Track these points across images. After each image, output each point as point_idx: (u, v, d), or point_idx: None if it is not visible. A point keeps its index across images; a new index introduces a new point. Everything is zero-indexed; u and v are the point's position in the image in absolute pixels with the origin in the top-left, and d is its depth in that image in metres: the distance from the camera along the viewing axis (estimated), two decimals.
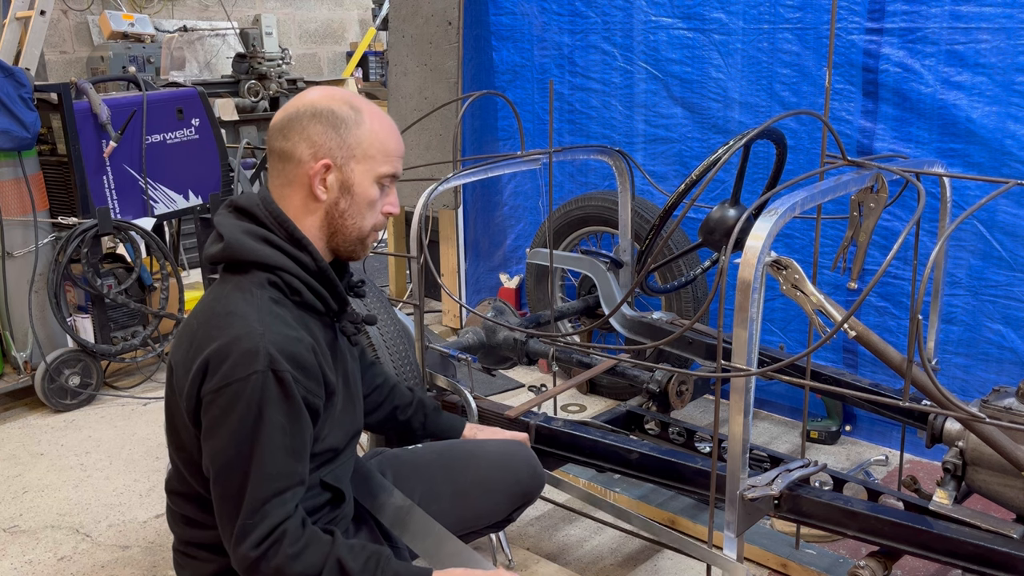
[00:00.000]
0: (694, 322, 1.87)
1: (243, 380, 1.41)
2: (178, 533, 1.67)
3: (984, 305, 2.85)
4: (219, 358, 1.43)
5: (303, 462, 1.50)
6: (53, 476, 3.18)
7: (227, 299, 1.50)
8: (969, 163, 2.79)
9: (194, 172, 4.17)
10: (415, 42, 4.10)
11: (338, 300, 1.61)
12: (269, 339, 1.43)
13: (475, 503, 1.93)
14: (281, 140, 1.56)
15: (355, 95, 1.60)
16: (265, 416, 1.42)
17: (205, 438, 1.47)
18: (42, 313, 3.70)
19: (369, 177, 1.57)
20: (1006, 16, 2.65)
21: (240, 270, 1.53)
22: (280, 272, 1.52)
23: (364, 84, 7.83)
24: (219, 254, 1.54)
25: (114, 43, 6.70)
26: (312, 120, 1.54)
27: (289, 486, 1.47)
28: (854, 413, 3.22)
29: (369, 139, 1.56)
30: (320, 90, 1.60)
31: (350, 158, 1.55)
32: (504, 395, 3.73)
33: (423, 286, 2.39)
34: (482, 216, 4.30)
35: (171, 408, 1.57)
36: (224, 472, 1.45)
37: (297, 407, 1.46)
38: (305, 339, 1.49)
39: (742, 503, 1.78)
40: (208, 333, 1.47)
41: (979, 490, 1.88)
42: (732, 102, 3.29)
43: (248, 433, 1.42)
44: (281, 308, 1.50)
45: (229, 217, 1.58)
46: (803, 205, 1.78)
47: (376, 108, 1.61)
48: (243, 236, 1.53)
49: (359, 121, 1.55)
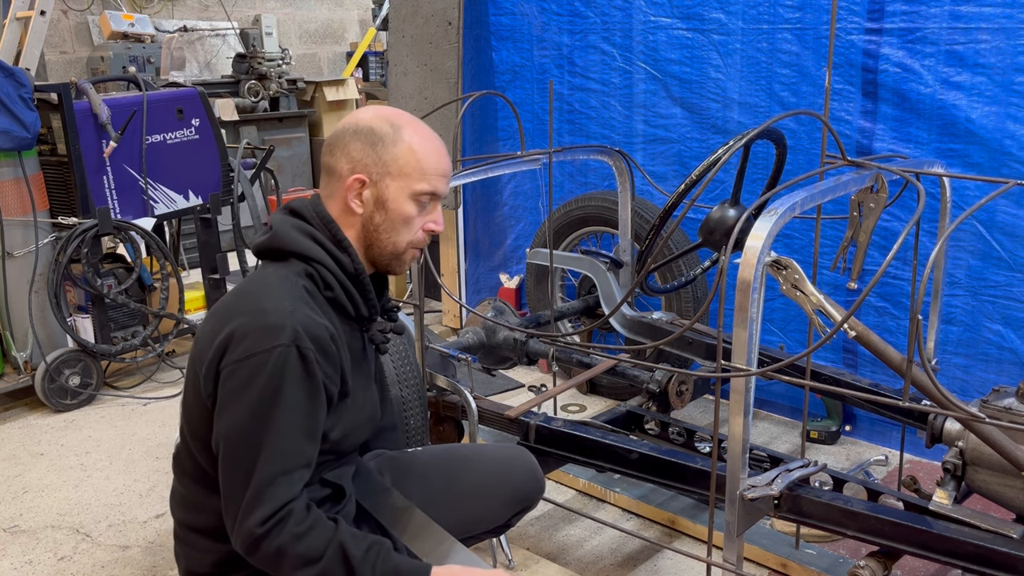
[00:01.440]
0: (694, 322, 1.87)
1: (267, 352, 1.44)
2: (178, 517, 1.67)
3: (983, 305, 2.85)
4: (245, 329, 1.46)
5: (314, 444, 1.52)
6: (53, 476, 3.18)
7: (262, 279, 1.56)
8: (968, 163, 2.79)
9: (194, 172, 4.17)
10: (415, 42, 4.11)
11: (369, 307, 1.65)
12: (297, 318, 1.47)
13: (473, 508, 1.92)
14: (327, 155, 1.62)
15: (403, 114, 1.64)
16: (284, 391, 1.45)
17: (220, 410, 1.48)
18: (42, 313, 3.70)
19: (404, 194, 1.60)
20: (1006, 16, 2.65)
21: (281, 258, 1.59)
22: (317, 265, 1.57)
23: (364, 84, 7.82)
24: (264, 243, 1.61)
25: (114, 43, 6.69)
26: (353, 137, 1.60)
27: (298, 465, 1.48)
28: (854, 413, 3.22)
29: (405, 156, 1.59)
30: (371, 108, 1.65)
31: (385, 174, 1.59)
32: (504, 395, 3.73)
33: (423, 286, 2.39)
34: (482, 216, 4.30)
35: (188, 381, 1.59)
36: (235, 444, 1.46)
37: (316, 386, 1.48)
38: (329, 327, 1.52)
39: (742, 503, 1.78)
40: (237, 307, 1.52)
41: (979, 490, 1.88)
42: (731, 102, 3.29)
43: (266, 406, 1.44)
44: (312, 297, 1.55)
45: (282, 214, 1.64)
46: (803, 205, 1.78)
47: (421, 127, 1.64)
48: (290, 229, 1.59)
49: (396, 139, 1.59)
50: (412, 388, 2.32)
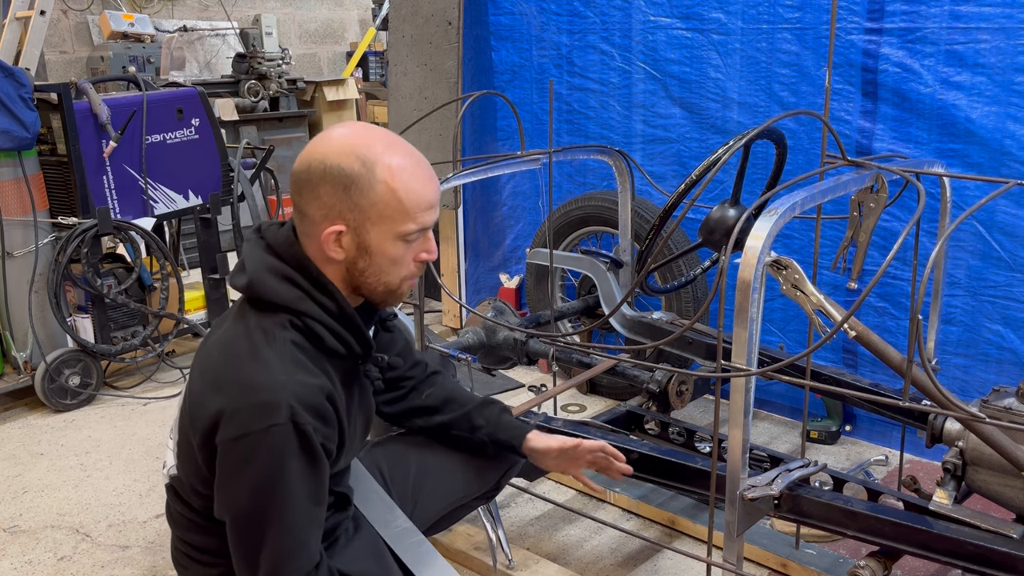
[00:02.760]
0: (694, 322, 1.87)
1: (263, 432, 1.37)
2: (177, 532, 1.67)
3: (983, 306, 2.85)
4: (236, 407, 1.39)
5: (322, 506, 1.50)
6: (53, 476, 3.18)
7: (249, 341, 1.45)
8: (968, 163, 2.79)
9: (194, 172, 4.17)
10: (415, 42, 4.11)
11: (363, 344, 1.55)
12: (291, 389, 1.39)
13: (465, 473, 1.96)
14: (295, 194, 1.48)
15: (373, 141, 1.46)
16: (287, 467, 1.40)
17: (221, 486, 1.45)
18: (42, 313, 3.70)
19: (388, 238, 1.47)
20: (1005, 16, 2.65)
21: (263, 308, 1.49)
22: (303, 316, 1.47)
23: (364, 84, 7.83)
24: (245, 288, 1.50)
25: (114, 43, 6.69)
26: (322, 180, 1.44)
27: (311, 531, 1.46)
28: (854, 413, 3.22)
29: (384, 199, 1.44)
30: (339, 137, 1.47)
31: (364, 220, 1.45)
32: (504, 395, 3.72)
33: (423, 286, 2.39)
34: (482, 216, 4.30)
35: (183, 428, 1.55)
36: (243, 521, 1.44)
37: (317, 456, 1.44)
38: (325, 386, 1.45)
39: (742, 503, 1.78)
40: (228, 377, 1.43)
41: (979, 490, 1.88)
42: (731, 102, 3.29)
43: (270, 485, 1.40)
44: (302, 352, 1.46)
45: (256, 248, 1.53)
46: (803, 205, 1.78)
47: (397, 156, 1.46)
48: (267, 274, 1.48)
49: (371, 180, 1.43)
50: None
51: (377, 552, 1.75)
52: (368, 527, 1.79)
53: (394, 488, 1.91)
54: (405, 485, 1.93)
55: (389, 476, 1.93)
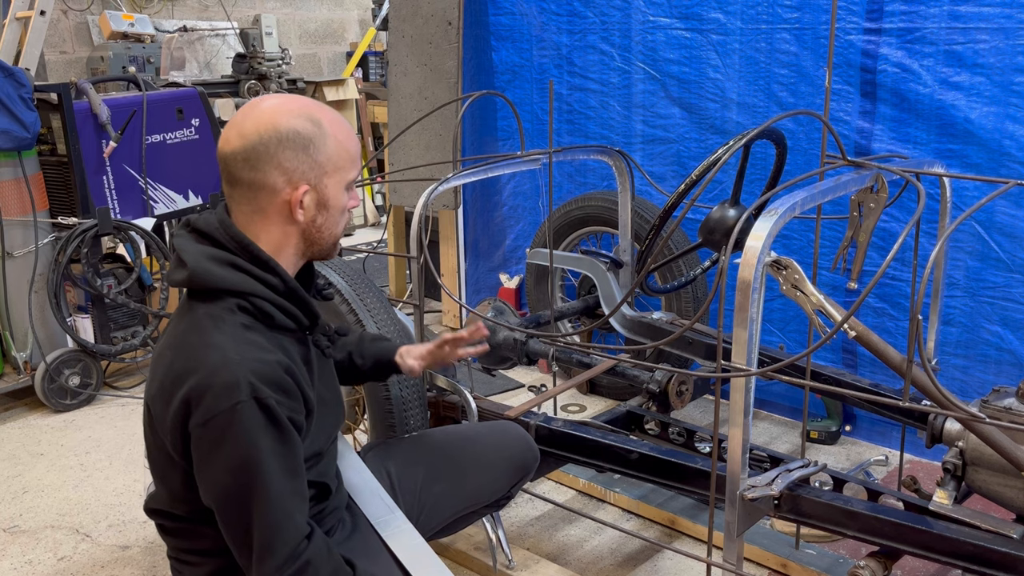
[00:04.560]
0: (694, 322, 1.87)
1: (228, 411, 1.40)
2: (171, 543, 1.67)
3: (982, 306, 2.86)
4: (200, 391, 1.41)
5: (301, 477, 1.50)
6: (53, 476, 3.18)
7: (199, 329, 1.47)
8: (967, 164, 2.79)
9: (194, 172, 4.17)
10: (415, 42, 4.11)
11: (309, 316, 1.59)
12: (248, 367, 1.42)
13: (476, 480, 2.00)
14: (248, 171, 1.50)
15: (307, 102, 1.55)
16: (257, 443, 1.41)
17: (199, 472, 1.46)
18: (42, 313, 3.70)
19: (340, 187, 1.56)
20: (1005, 16, 2.65)
21: (208, 297, 1.50)
22: (250, 297, 1.49)
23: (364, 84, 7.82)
24: (185, 281, 1.51)
25: (114, 43, 6.69)
26: (280, 147, 1.49)
27: (294, 503, 1.47)
28: (854, 413, 3.22)
29: (336, 151, 1.54)
30: (274, 105, 1.53)
31: (323, 175, 1.53)
32: (504, 395, 3.74)
33: (423, 286, 2.39)
34: (482, 216, 4.30)
35: (149, 441, 1.56)
36: (227, 503, 1.45)
37: (285, 429, 1.45)
38: (283, 360, 1.48)
39: (742, 503, 1.78)
40: (185, 366, 1.45)
41: (979, 490, 1.88)
42: (730, 102, 3.29)
43: (243, 462, 1.42)
44: (254, 333, 1.48)
45: (190, 241, 1.54)
46: (803, 205, 1.78)
47: (330, 112, 1.57)
48: (207, 262, 1.50)
49: (324, 135, 1.52)
50: (412, 388, 2.32)
51: (374, 550, 1.75)
52: (367, 525, 1.79)
53: (402, 491, 1.92)
54: (414, 489, 1.93)
55: (398, 478, 1.93)
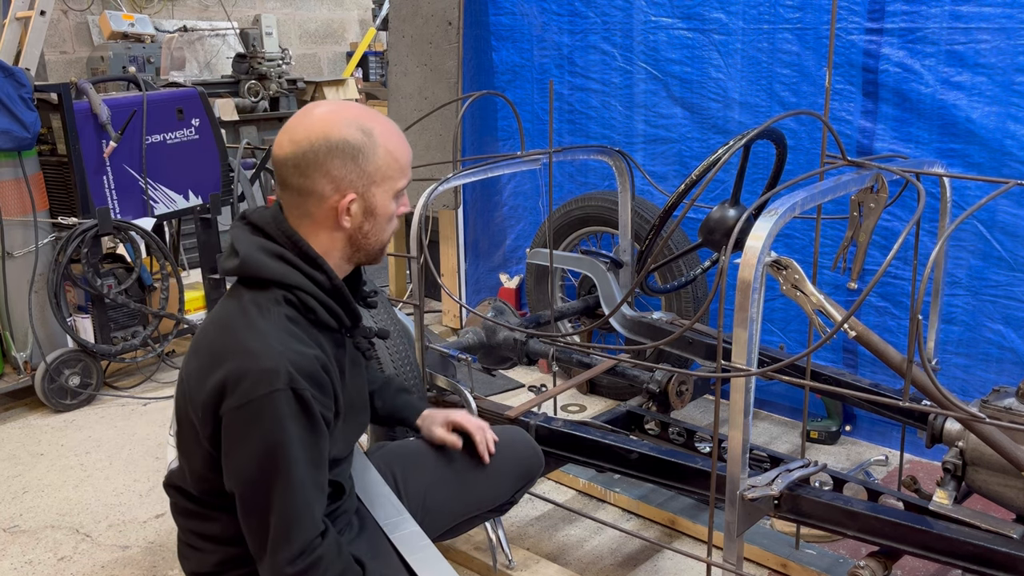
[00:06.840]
0: (694, 322, 1.87)
1: (264, 397, 1.42)
2: (182, 524, 1.69)
3: (984, 305, 2.85)
4: (238, 375, 1.44)
5: (323, 471, 1.54)
6: (53, 476, 3.18)
7: (244, 315, 1.51)
8: (969, 163, 2.79)
9: (194, 172, 4.17)
10: (415, 42, 4.10)
11: (351, 316, 1.62)
12: (288, 358, 1.45)
13: (480, 486, 2.00)
14: (298, 177, 1.54)
15: (363, 111, 1.58)
16: (288, 432, 1.44)
17: (227, 454, 1.48)
18: (42, 313, 3.70)
19: (389, 196, 1.59)
20: (1006, 16, 2.65)
21: (256, 285, 1.54)
22: (296, 291, 1.53)
23: (364, 84, 7.83)
24: (236, 269, 1.56)
25: (114, 43, 6.69)
26: (329, 155, 1.52)
27: (315, 495, 1.49)
28: (854, 413, 3.22)
29: (386, 161, 1.56)
30: (327, 113, 1.56)
31: (371, 184, 1.56)
32: (504, 395, 3.73)
33: (423, 286, 2.39)
34: (482, 216, 4.30)
35: (181, 415, 1.58)
36: (251, 488, 1.47)
37: (316, 422, 1.48)
38: (320, 357, 1.51)
39: (742, 503, 1.78)
40: (226, 348, 1.48)
41: (979, 490, 1.88)
42: (732, 102, 3.29)
43: (271, 448, 1.44)
44: (295, 326, 1.52)
45: (244, 232, 1.59)
46: (803, 205, 1.78)
47: (384, 121, 1.60)
48: (259, 253, 1.54)
49: (374, 146, 1.55)
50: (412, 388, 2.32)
51: (383, 552, 1.75)
52: (375, 527, 1.79)
53: (406, 493, 1.92)
54: (418, 492, 1.94)
55: (402, 480, 1.94)
